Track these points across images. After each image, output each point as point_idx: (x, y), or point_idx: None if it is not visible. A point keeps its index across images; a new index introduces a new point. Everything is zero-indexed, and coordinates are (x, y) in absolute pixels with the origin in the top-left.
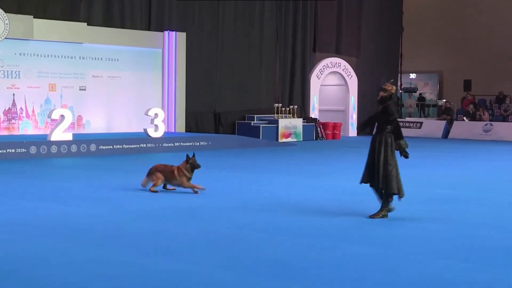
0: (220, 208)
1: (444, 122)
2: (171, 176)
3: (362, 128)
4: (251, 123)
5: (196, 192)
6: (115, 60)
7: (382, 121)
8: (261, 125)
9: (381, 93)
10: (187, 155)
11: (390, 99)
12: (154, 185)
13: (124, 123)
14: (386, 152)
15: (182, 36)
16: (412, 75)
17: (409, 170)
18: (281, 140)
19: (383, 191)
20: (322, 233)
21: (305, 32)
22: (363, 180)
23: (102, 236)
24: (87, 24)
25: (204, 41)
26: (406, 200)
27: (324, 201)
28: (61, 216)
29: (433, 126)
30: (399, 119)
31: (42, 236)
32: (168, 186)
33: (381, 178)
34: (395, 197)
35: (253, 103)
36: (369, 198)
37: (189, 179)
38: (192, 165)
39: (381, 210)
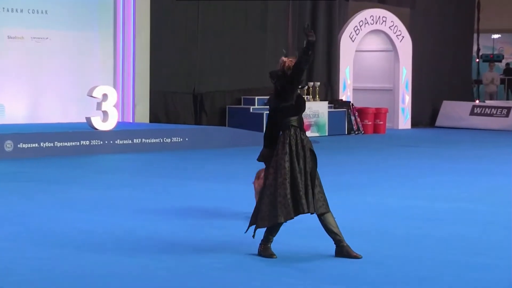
0: (196, 240)
1: None
2: None
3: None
4: (249, 108)
5: None
6: (42, 12)
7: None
8: (265, 112)
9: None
10: None
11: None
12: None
13: (57, 110)
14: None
15: None
16: (495, 36)
17: (485, 180)
18: None
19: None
20: (358, 277)
21: None
22: (295, 213)
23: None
24: None
25: None
26: (482, 228)
27: (362, 227)
28: None
29: None
30: (475, 102)
31: None
32: None
33: (316, 199)
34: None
35: (253, 79)
36: (434, 223)
37: None
38: None
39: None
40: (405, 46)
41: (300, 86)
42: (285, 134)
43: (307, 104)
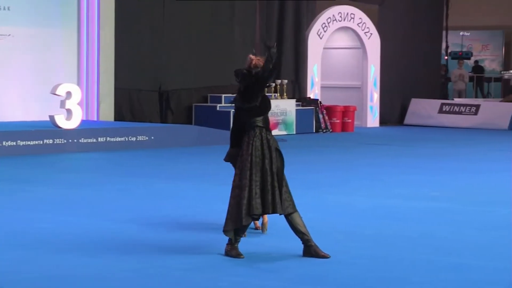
0: (161, 240)
1: None
2: None
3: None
4: (216, 106)
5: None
6: (4, 9)
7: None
8: (232, 110)
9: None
10: None
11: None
12: None
13: (19, 108)
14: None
15: None
16: (464, 33)
17: (457, 178)
18: None
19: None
20: (326, 277)
21: None
22: (260, 211)
23: None
24: None
25: None
26: (454, 227)
27: (331, 226)
28: None
29: (496, 111)
30: (444, 100)
31: None
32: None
33: (283, 199)
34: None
35: (220, 77)
36: (404, 222)
37: None
38: None
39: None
40: (373, 43)
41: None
42: (250, 134)
43: (275, 102)
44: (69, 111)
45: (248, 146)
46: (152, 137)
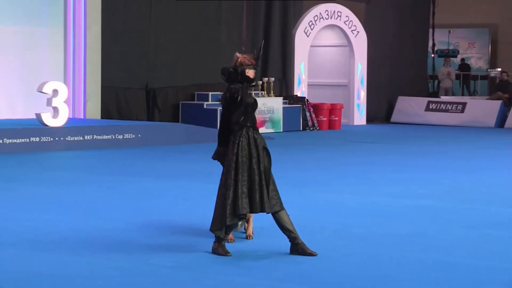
0: (148, 238)
1: (498, 103)
2: None
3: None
4: (203, 104)
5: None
6: None
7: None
8: (219, 108)
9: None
10: None
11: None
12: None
13: (5, 106)
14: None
15: None
16: (450, 31)
17: (444, 176)
18: None
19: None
20: (314, 275)
21: None
22: (248, 210)
23: None
24: None
25: None
26: (442, 225)
27: (319, 224)
28: None
29: (482, 109)
30: (431, 97)
31: None
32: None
33: (270, 197)
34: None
35: (207, 75)
36: (393, 221)
37: None
38: None
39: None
40: (360, 41)
41: (253, 84)
42: (236, 134)
43: (262, 100)
44: (55, 109)
45: (234, 145)
46: (139, 135)
